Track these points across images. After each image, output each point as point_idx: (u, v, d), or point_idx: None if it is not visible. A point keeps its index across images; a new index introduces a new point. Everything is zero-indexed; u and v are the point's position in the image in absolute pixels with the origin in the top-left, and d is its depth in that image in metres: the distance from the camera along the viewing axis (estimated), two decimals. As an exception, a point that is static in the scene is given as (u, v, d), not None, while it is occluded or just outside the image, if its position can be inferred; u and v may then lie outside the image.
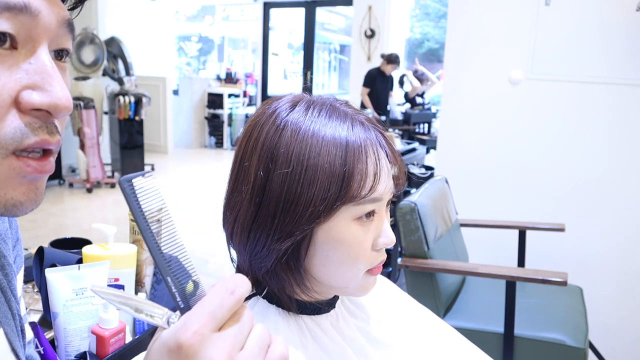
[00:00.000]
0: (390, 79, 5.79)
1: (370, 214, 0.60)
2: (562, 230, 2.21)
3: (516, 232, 2.27)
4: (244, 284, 0.40)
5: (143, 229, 0.40)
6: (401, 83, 6.94)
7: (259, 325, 0.40)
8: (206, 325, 0.38)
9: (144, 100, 5.54)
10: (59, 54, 0.45)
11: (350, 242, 0.59)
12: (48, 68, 0.41)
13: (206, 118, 8.38)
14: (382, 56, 5.66)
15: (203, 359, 0.36)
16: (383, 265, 0.64)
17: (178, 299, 0.41)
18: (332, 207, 0.57)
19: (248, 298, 0.64)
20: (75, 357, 0.80)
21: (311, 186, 0.56)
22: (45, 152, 0.43)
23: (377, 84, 5.61)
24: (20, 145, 0.41)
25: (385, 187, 0.60)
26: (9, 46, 0.40)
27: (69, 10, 0.45)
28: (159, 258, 0.41)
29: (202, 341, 0.37)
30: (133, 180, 0.40)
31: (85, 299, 0.80)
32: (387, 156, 0.61)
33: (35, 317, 0.92)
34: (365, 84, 5.57)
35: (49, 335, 0.82)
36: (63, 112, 0.42)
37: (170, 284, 0.41)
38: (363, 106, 5.38)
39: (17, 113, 0.40)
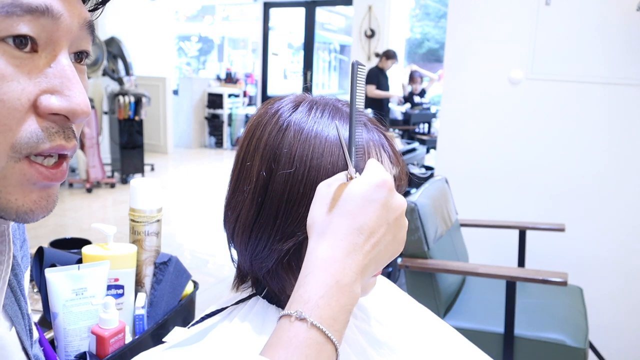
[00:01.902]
0: (387, 78, 5.79)
1: None
2: (562, 230, 2.21)
3: (516, 232, 2.27)
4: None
5: (353, 112, 0.54)
6: (411, 79, 6.93)
7: None
8: (391, 176, 0.54)
9: (144, 100, 5.54)
10: (79, 56, 0.45)
11: None
12: (68, 72, 0.41)
13: (206, 118, 8.38)
14: (377, 55, 5.66)
15: (397, 195, 0.53)
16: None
17: (356, 166, 0.55)
18: None
19: (247, 298, 0.64)
20: (75, 357, 0.79)
21: (314, 187, 0.56)
22: (60, 157, 0.42)
23: (380, 82, 5.61)
24: (35, 150, 0.40)
25: None
26: (30, 49, 0.40)
27: (89, 11, 0.45)
28: (353, 132, 0.54)
29: (392, 181, 0.53)
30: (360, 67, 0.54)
31: (85, 299, 0.80)
32: (389, 158, 0.61)
33: (35, 317, 0.92)
34: (370, 82, 5.56)
35: (48, 335, 0.82)
36: (81, 118, 0.42)
37: (353, 154, 0.54)
38: (366, 106, 5.38)
39: (35, 117, 0.40)
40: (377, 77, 5.58)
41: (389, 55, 5.55)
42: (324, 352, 0.46)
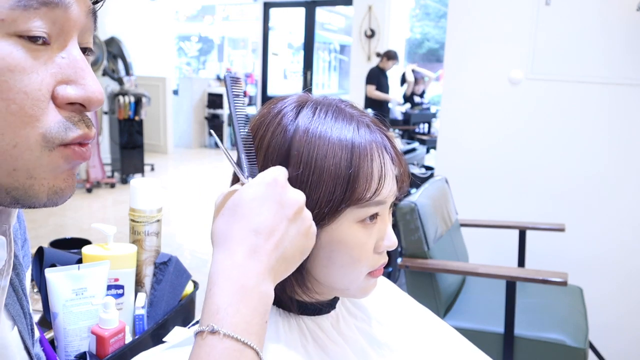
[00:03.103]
0: (387, 78, 5.79)
1: (373, 217, 0.60)
2: (562, 230, 2.21)
3: (516, 232, 2.27)
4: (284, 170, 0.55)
5: (235, 116, 0.57)
6: (403, 81, 6.94)
7: None
8: (284, 173, 0.54)
9: (144, 100, 5.54)
10: (83, 51, 0.46)
11: (353, 245, 0.59)
12: (80, 62, 0.43)
13: (206, 118, 8.38)
14: (378, 55, 5.66)
15: (292, 191, 0.53)
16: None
17: (249, 172, 0.56)
18: (337, 209, 0.57)
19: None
20: (75, 357, 0.79)
21: (317, 188, 0.56)
22: (81, 145, 0.44)
23: (380, 82, 5.61)
24: (66, 139, 0.42)
25: (390, 190, 0.60)
26: (42, 42, 0.41)
27: (92, 3, 0.46)
28: (239, 140, 0.56)
29: (286, 178, 0.54)
30: (233, 78, 0.58)
31: (85, 299, 0.80)
32: (391, 159, 0.61)
33: (35, 317, 0.92)
34: (371, 82, 5.56)
35: (48, 335, 0.82)
36: (96, 105, 0.44)
37: (244, 160, 0.56)
38: (366, 106, 5.38)
39: (55, 107, 0.42)
40: (378, 77, 5.57)
41: (390, 55, 5.54)
42: (244, 358, 0.46)
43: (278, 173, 0.52)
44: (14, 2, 0.38)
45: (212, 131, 0.70)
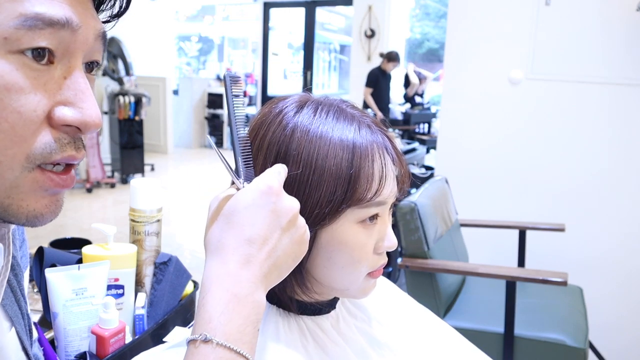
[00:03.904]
0: (389, 78, 5.78)
1: (374, 217, 0.60)
2: (562, 230, 2.21)
3: (516, 232, 2.27)
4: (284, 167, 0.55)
5: (232, 115, 0.56)
6: (407, 83, 6.94)
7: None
8: (279, 180, 0.53)
9: (144, 100, 5.53)
10: (89, 66, 0.46)
11: (353, 245, 0.59)
12: (82, 85, 0.42)
13: (206, 118, 8.38)
14: (382, 55, 5.65)
15: (286, 198, 0.52)
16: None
17: (245, 176, 0.56)
18: (338, 210, 0.57)
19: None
20: (75, 357, 0.79)
21: (318, 188, 0.56)
22: (68, 165, 0.44)
23: (380, 84, 5.60)
24: (48, 160, 0.41)
25: (390, 191, 0.60)
26: (47, 61, 0.40)
27: (103, 23, 0.46)
28: (236, 142, 0.56)
29: (281, 185, 0.53)
30: (233, 77, 0.56)
31: (85, 299, 0.80)
32: (392, 160, 0.61)
33: (35, 317, 0.92)
34: (368, 84, 5.55)
35: (48, 335, 0.82)
36: (92, 129, 0.43)
37: (241, 163, 0.56)
38: (365, 106, 5.38)
39: (49, 128, 0.41)
40: (377, 79, 5.56)
41: (391, 57, 5.53)
42: None
43: (272, 180, 0.52)
44: (20, 21, 0.38)
45: (208, 136, 0.66)
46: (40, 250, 0.88)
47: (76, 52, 0.42)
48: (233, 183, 0.57)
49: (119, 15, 0.48)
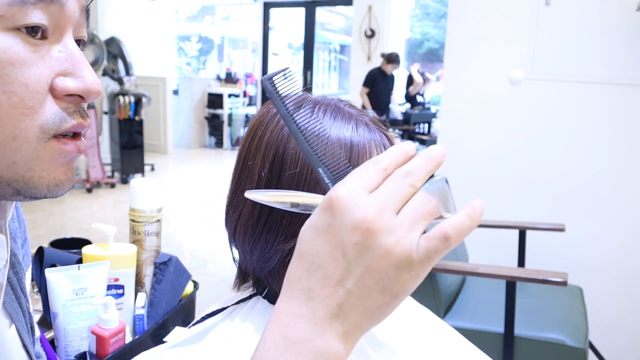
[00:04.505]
0: (391, 79, 5.78)
1: None
2: (562, 230, 2.21)
3: (516, 232, 2.27)
4: (389, 156, 0.41)
5: (290, 126, 0.43)
6: (409, 82, 6.94)
7: (422, 193, 0.41)
8: (355, 185, 0.38)
9: (144, 100, 5.54)
10: (77, 43, 0.47)
11: None
12: (77, 55, 0.44)
13: (206, 118, 8.38)
14: (382, 55, 5.65)
15: (353, 211, 0.37)
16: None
17: (332, 182, 0.42)
18: None
19: (248, 298, 0.64)
20: (75, 357, 0.79)
21: (317, 187, 0.56)
22: (75, 135, 0.46)
23: (378, 84, 5.60)
24: (60, 129, 0.43)
25: None
26: (40, 36, 0.42)
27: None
28: (307, 151, 0.43)
29: (353, 194, 0.38)
30: (274, 78, 0.42)
31: (85, 299, 0.80)
32: None
33: (35, 317, 0.92)
34: (365, 84, 5.55)
35: (48, 335, 0.82)
36: (94, 96, 0.45)
37: (323, 176, 0.42)
38: (363, 106, 5.38)
39: (53, 99, 0.43)
40: (375, 79, 5.56)
41: (390, 59, 5.53)
42: None
43: (339, 189, 0.39)
44: None
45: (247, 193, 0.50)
46: (40, 250, 0.88)
47: (66, 26, 0.44)
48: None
49: None
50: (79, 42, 0.47)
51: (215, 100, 8.26)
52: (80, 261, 0.88)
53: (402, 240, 0.37)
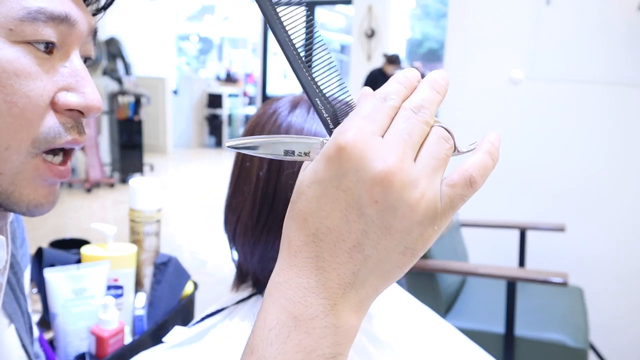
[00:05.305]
0: None
1: None
2: (562, 230, 2.21)
3: (516, 232, 2.27)
4: (396, 90, 0.35)
5: (282, 41, 0.34)
6: None
7: (437, 131, 0.34)
8: (366, 127, 0.32)
9: (144, 100, 5.54)
10: (84, 60, 0.48)
11: None
12: (81, 71, 0.45)
13: (206, 118, 8.38)
14: (384, 56, 5.65)
15: (370, 162, 0.31)
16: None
17: (331, 126, 0.35)
18: None
19: (248, 298, 0.64)
20: (74, 357, 0.79)
21: None
22: (65, 155, 0.46)
23: (379, 85, 5.57)
24: (53, 144, 0.44)
25: None
26: (48, 51, 0.43)
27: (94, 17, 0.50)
28: (303, 77, 0.35)
29: (365, 140, 0.31)
30: None
31: (84, 300, 0.80)
32: None
33: (35, 318, 0.91)
34: (366, 85, 5.54)
35: (48, 335, 0.82)
36: (94, 112, 0.46)
37: (320, 107, 0.35)
38: None
39: (53, 113, 0.44)
40: (375, 80, 5.55)
41: (391, 60, 5.52)
42: None
43: (348, 135, 0.31)
44: (23, 14, 0.41)
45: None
46: (40, 250, 0.88)
47: (73, 44, 0.45)
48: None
49: (104, 8, 0.51)
50: (85, 60, 0.48)
51: (214, 100, 8.27)
52: (79, 261, 0.88)
53: (427, 193, 0.32)
